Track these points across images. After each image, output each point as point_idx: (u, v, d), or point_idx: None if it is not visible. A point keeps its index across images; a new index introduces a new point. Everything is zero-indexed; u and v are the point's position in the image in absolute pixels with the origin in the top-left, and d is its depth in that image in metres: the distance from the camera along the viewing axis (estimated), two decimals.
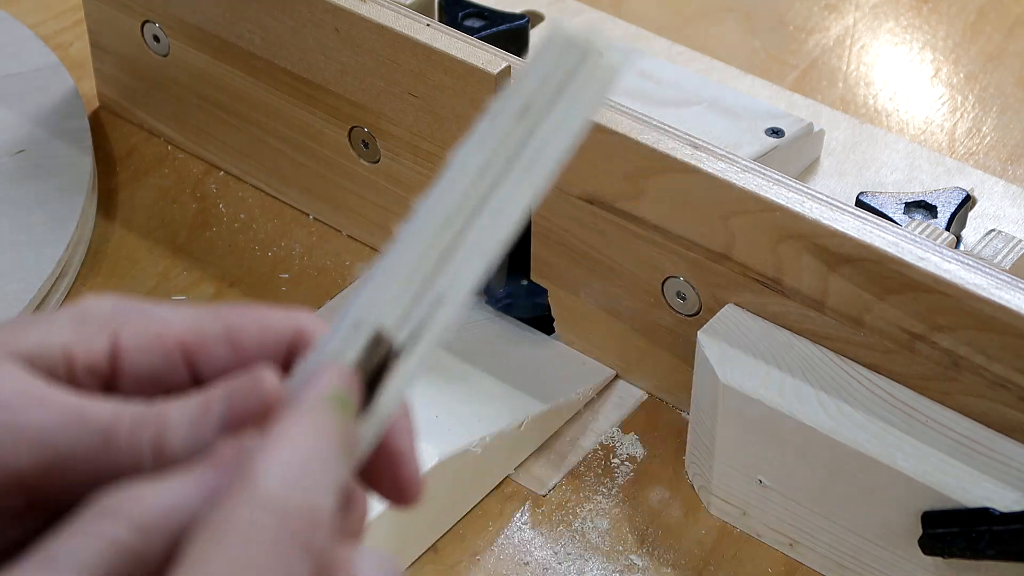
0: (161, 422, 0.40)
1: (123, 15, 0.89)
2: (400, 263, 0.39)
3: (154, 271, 0.84)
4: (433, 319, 0.39)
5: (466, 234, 0.39)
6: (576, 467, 0.75)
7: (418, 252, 0.39)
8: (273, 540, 0.36)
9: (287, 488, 0.36)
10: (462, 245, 0.39)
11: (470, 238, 0.39)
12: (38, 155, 0.87)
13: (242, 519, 0.36)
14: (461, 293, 0.39)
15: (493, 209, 0.38)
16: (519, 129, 0.38)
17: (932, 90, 0.97)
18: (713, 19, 1.02)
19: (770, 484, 0.70)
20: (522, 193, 0.38)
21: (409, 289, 0.39)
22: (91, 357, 0.41)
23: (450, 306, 0.39)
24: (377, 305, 0.39)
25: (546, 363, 0.79)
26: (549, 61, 0.38)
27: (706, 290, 0.73)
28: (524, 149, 0.38)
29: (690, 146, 0.71)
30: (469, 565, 0.71)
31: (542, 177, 0.38)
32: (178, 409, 0.40)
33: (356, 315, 0.39)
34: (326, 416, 0.38)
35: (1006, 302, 0.64)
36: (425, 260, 0.39)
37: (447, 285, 0.39)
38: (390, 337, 0.39)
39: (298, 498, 0.36)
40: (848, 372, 0.69)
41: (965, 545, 0.64)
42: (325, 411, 0.38)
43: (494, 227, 0.38)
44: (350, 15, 0.78)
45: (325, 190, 0.86)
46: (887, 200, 0.79)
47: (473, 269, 0.39)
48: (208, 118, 0.88)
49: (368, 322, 0.39)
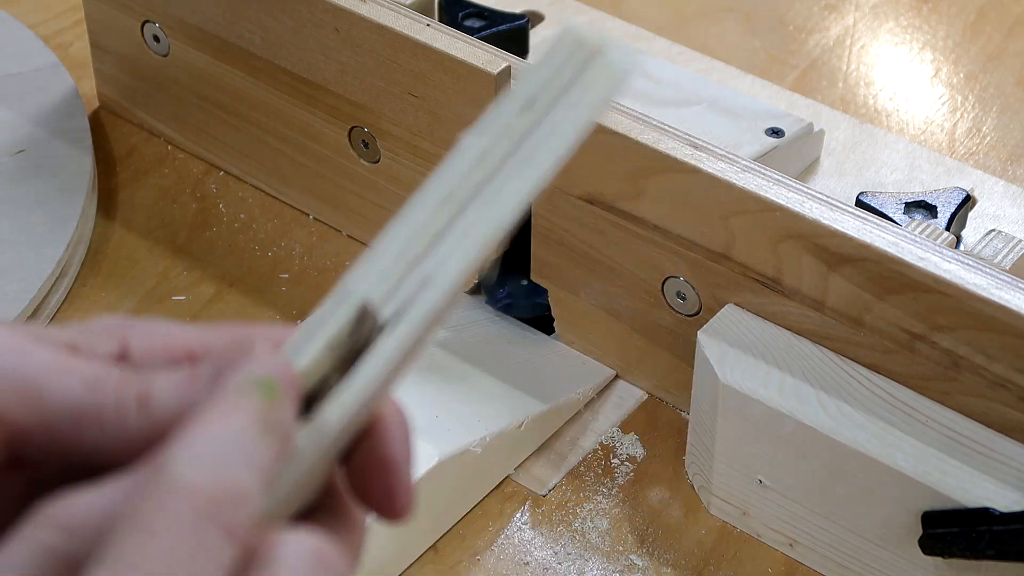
0: (148, 379, 0.40)
1: (123, 15, 0.89)
2: (393, 241, 0.39)
3: (154, 271, 0.84)
4: (419, 299, 0.38)
5: (459, 219, 0.38)
6: (576, 467, 0.75)
7: (410, 232, 0.38)
8: (186, 523, 0.35)
9: (197, 471, 0.36)
10: (454, 229, 0.38)
11: (462, 223, 0.38)
12: (38, 155, 0.87)
13: (154, 506, 0.35)
14: (449, 276, 0.38)
15: (488, 197, 0.38)
16: (522, 122, 0.38)
17: (932, 90, 0.97)
18: (713, 19, 1.02)
19: (770, 484, 0.70)
20: (519, 184, 0.38)
21: (398, 267, 0.39)
22: (94, 351, 0.41)
23: (437, 289, 0.38)
24: (365, 279, 0.39)
25: (546, 363, 0.79)
26: (558, 58, 0.38)
27: (706, 290, 0.73)
28: (526, 142, 0.38)
29: (690, 146, 0.71)
30: (469, 565, 0.71)
31: (541, 171, 0.38)
32: (167, 371, 0.40)
33: (343, 287, 0.39)
34: (243, 399, 0.38)
35: (1006, 302, 0.64)
36: (417, 240, 0.39)
37: (435, 267, 0.38)
38: (375, 311, 0.39)
39: (210, 480, 0.36)
40: (848, 372, 0.69)
41: (965, 545, 0.64)
42: (242, 394, 0.38)
43: (487, 214, 0.38)
44: (350, 15, 0.78)
45: (325, 190, 0.86)
46: (887, 200, 0.79)
47: (463, 254, 0.38)
48: (208, 118, 0.88)
49: (354, 294, 0.39)
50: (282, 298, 0.83)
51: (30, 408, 0.39)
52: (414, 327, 0.39)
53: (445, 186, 0.39)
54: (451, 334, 0.79)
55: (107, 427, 0.39)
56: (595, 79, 0.38)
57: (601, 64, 0.38)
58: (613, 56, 0.37)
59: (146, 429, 0.39)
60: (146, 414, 0.39)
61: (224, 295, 0.83)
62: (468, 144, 0.38)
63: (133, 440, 0.39)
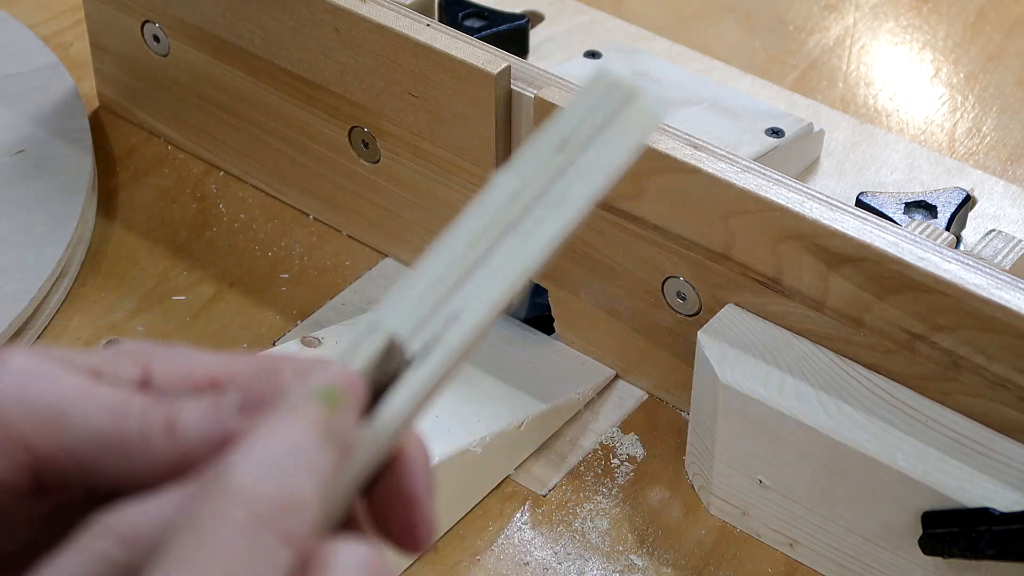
0: (174, 406, 0.40)
1: (123, 15, 0.89)
2: (423, 276, 0.39)
3: (154, 271, 0.84)
4: (447, 335, 0.39)
5: (490, 256, 0.39)
6: (576, 467, 0.75)
7: (441, 267, 0.39)
8: (246, 530, 0.36)
9: (257, 479, 0.36)
10: (485, 266, 0.39)
11: (494, 260, 0.39)
12: (38, 155, 0.87)
13: (212, 512, 0.36)
14: (478, 313, 0.39)
15: (520, 235, 0.39)
16: (556, 161, 0.39)
17: (932, 90, 0.97)
18: (713, 19, 1.02)
19: (770, 484, 0.70)
20: (550, 226, 0.38)
21: (427, 301, 0.39)
22: (116, 376, 0.41)
23: (465, 324, 0.39)
24: (394, 312, 0.39)
25: (546, 363, 0.79)
26: (593, 98, 0.38)
27: (706, 290, 0.73)
28: (558, 182, 0.38)
29: (690, 146, 0.71)
30: (469, 565, 0.71)
31: (573, 212, 0.39)
32: (193, 398, 0.40)
33: (373, 319, 0.39)
34: (307, 408, 0.38)
35: (1006, 302, 0.64)
36: (447, 276, 0.39)
37: (464, 303, 0.39)
38: (402, 345, 0.39)
39: (270, 488, 0.36)
40: (848, 372, 0.69)
41: (965, 545, 0.64)
42: (307, 404, 0.38)
43: (519, 252, 0.39)
44: (350, 15, 0.78)
45: (325, 190, 0.86)
46: (887, 200, 0.78)
47: (493, 291, 0.39)
48: (208, 118, 0.88)
49: (383, 327, 0.39)
50: (282, 298, 0.83)
51: (55, 435, 0.39)
52: (442, 362, 0.39)
53: (477, 223, 0.39)
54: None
55: (132, 454, 0.39)
56: (629, 120, 0.38)
57: (635, 106, 0.38)
58: (648, 98, 0.38)
59: (173, 456, 0.39)
60: (172, 441, 0.39)
61: (224, 295, 0.83)
62: (501, 182, 0.39)
63: (160, 467, 0.39)
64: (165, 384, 0.41)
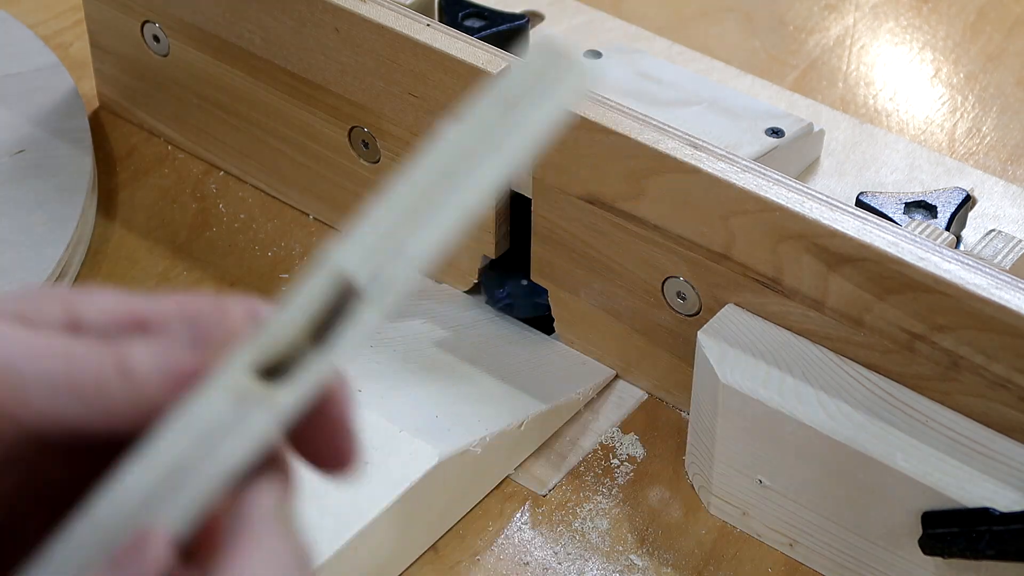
0: (122, 347, 0.39)
1: (123, 15, 0.89)
2: (368, 220, 0.41)
3: (154, 271, 0.84)
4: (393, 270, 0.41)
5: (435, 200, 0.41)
6: (576, 467, 0.75)
7: (389, 210, 0.41)
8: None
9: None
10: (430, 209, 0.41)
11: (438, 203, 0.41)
12: (38, 155, 0.87)
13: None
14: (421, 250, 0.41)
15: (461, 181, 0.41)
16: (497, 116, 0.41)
17: (932, 90, 0.97)
18: (713, 19, 1.02)
19: (770, 484, 0.70)
20: (489, 171, 0.41)
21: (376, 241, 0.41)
22: (45, 322, 0.40)
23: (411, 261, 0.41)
24: (344, 251, 0.41)
25: (546, 363, 0.79)
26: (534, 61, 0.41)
27: (706, 290, 0.73)
28: (498, 133, 0.41)
29: (690, 146, 0.71)
30: (469, 565, 0.71)
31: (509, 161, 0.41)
32: (140, 338, 0.39)
33: (323, 257, 0.41)
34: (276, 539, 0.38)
35: (1006, 302, 0.64)
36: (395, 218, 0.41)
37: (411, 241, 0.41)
38: (351, 278, 0.40)
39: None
40: (848, 372, 0.69)
41: (965, 545, 0.64)
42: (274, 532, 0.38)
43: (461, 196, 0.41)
44: (350, 15, 0.78)
45: (325, 190, 0.86)
46: (887, 200, 0.78)
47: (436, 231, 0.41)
48: (208, 118, 0.88)
49: (334, 264, 0.41)
50: None
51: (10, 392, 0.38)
52: (390, 296, 0.41)
53: (422, 170, 0.42)
54: (451, 334, 0.79)
55: (88, 400, 0.38)
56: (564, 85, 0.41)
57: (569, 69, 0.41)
58: (581, 64, 0.41)
59: (130, 398, 0.39)
60: (129, 383, 0.39)
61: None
62: (447, 133, 0.42)
63: (117, 411, 0.39)
64: (96, 326, 0.40)
